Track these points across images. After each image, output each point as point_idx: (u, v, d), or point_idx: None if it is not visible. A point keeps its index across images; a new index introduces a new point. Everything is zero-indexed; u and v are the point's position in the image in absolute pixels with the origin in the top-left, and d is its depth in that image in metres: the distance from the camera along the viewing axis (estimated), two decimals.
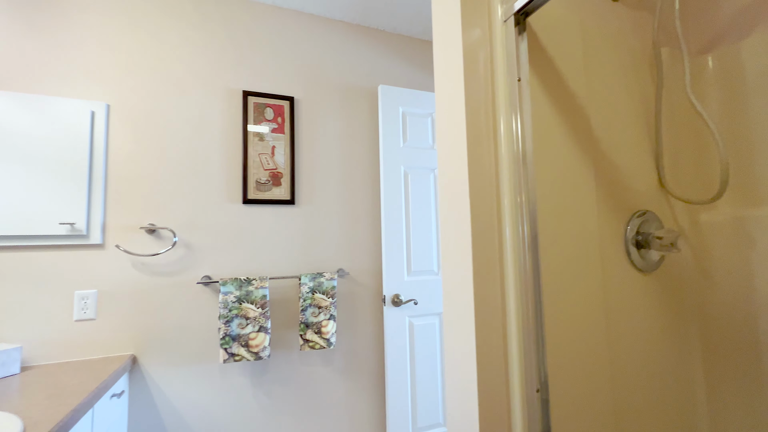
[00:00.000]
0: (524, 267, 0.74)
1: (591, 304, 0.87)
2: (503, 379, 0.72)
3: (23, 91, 1.34)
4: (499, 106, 0.79)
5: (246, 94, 1.64)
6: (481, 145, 0.78)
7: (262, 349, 1.47)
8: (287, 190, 1.67)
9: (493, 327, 0.73)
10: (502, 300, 0.75)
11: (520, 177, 0.76)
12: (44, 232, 1.31)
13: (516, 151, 0.77)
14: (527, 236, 0.74)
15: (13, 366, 1.19)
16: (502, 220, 0.77)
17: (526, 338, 0.71)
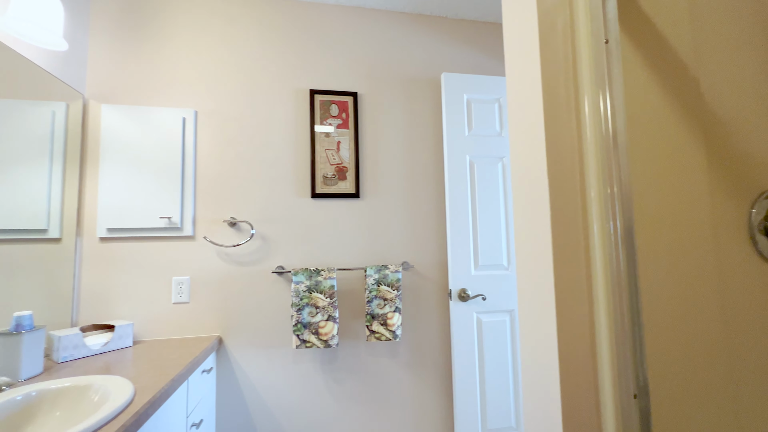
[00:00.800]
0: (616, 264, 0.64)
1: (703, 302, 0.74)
2: (591, 384, 0.64)
3: (129, 103, 1.55)
4: (583, 76, 0.70)
5: (313, 93, 1.70)
6: (561, 127, 0.70)
7: (331, 338, 1.52)
8: (352, 184, 1.70)
9: (578, 327, 0.66)
10: (588, 299, 0.67)
11: (610, 161, 0.66)
12: (148, 225, 1.50)
13: (604, 131, 0.67)
14: (620, 229, 0.65)
15: (128, 339, 1.39)
16: (588, 211, 0.68)
17: (619, 339, 0.62)
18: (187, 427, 1.20)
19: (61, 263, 1.38)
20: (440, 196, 1.80)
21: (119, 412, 0.84)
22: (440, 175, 1.81)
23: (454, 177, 1.69)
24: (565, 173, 0.69)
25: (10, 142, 1.21)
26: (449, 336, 1.74)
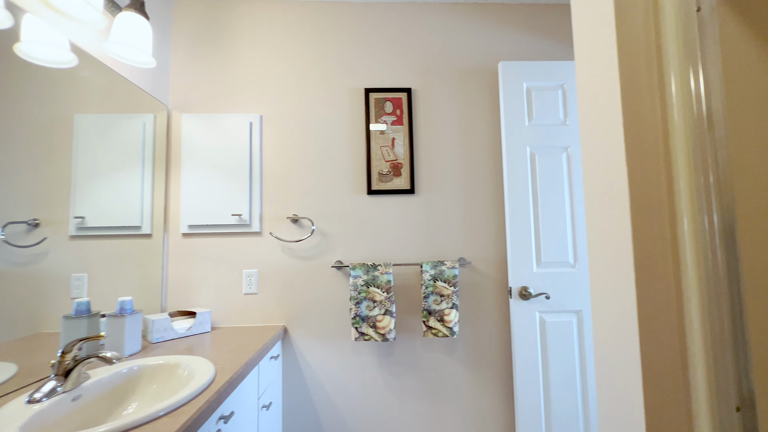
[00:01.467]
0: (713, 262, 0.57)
1: None
2: (682, 395, 0.58)
3: (205, 112, 1.71)
4: (668, 51, 0.63)
5: (367, 92, 1.73)
6: (642, 110, 0.63)
7: (388, 332, 1.54)
8: (407, 180, 1.71)
9: (665, 332, 0.60)
10: (677, 301, 0.60)
11: (704, 147, 0.59)
12: (222, 222, 1.64)
13: (696, 113, 0.60)
14: (718, 223, 0.58)
15: (207, 325, 1.53)
16: (676, 204, 0.61)
17: (717, 345, 0.55)
18: (259, 408, 1.30)
19: (152, 256, 1.57)
20: (498, 190, 1.73)
21: (204, 388, 0.93)
22: (498, 169, 1.74)
23: (513, 170, 1.62)
24: (647, 162, 0.63)
25: (113, 152, 1.39)
26: (509, 335, 1.68)
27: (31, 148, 1.07)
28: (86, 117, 1.28)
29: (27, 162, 1.05)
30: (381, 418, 1.62)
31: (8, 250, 0.99)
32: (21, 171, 1.03)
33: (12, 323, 0.99)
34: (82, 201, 1.25)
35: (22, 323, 1.02)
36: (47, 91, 1.12)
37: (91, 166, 1.29)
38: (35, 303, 1.06)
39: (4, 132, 0.99)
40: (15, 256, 1.01)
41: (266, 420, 1.39)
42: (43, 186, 1.10)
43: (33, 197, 1.07)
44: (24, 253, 1.04)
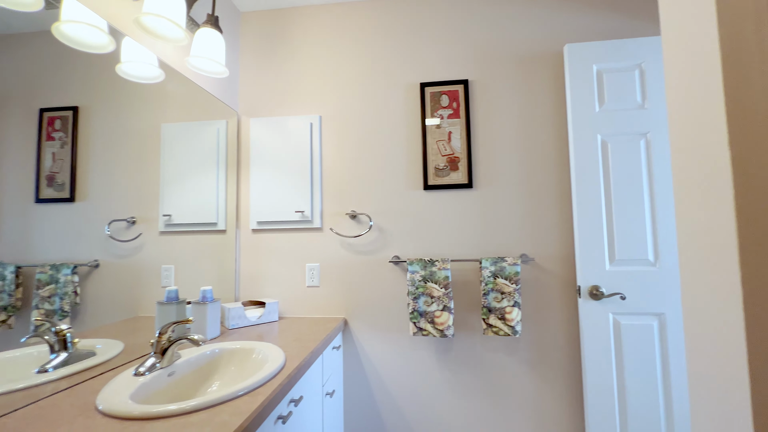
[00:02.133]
0: None
1: None
2: None
3: (268, 115, 1.82)
4: None
5: (423, 86, 1.72)
6: (750, 81, 0.55)
7: (447, 328, 1.53)
8: (464, 174, 1.67)
9: None
10: None
11: None
12: (286, 218, 1.74)
13: None
14: None
15: (275, 315, 1.64)
16: None
17: None
18: (323, 395, 1.37)
19: (226, 250, 1.72)
20: (564, 182, 1.63)
21: (276, 372, 1.01)
22: (563, 160, 1.63)
23: (581, 160, 1.50)
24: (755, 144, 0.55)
25: (192, 156, 1.55)
26: (576, 336, 1.57)
27: (128, 155, 1.22)
28: (170, 126, 1.43)
29: (125, 167, 1.21)
30: (438, 413, 1.62)
31: (112, 244, 1.14)
32: (121, 175, 1.19)
33: (117, 307, 1.15)
34: (168, 201, 1.40)
35: (125, 307, 1.18)
36: (140, 104, 1.27)
37: (174, 170, 1.44)
38: (134, 290, 1.22)
39: (108, 142, 1.15)
40: (118, 249, 1.17)
41: (330, 407, 1.46)
42: (138, 188, 1.25)
43: (130, 198, 1.21)
44: (124, 247, 1.19)
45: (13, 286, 0.87)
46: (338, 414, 1.59)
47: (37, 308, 0.93)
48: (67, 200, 1.01)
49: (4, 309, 0.84)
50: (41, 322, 0.93)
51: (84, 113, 1.06)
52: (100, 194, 1.10)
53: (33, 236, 0.91)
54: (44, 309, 0.95)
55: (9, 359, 0.84)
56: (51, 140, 0.97)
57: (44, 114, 0.96)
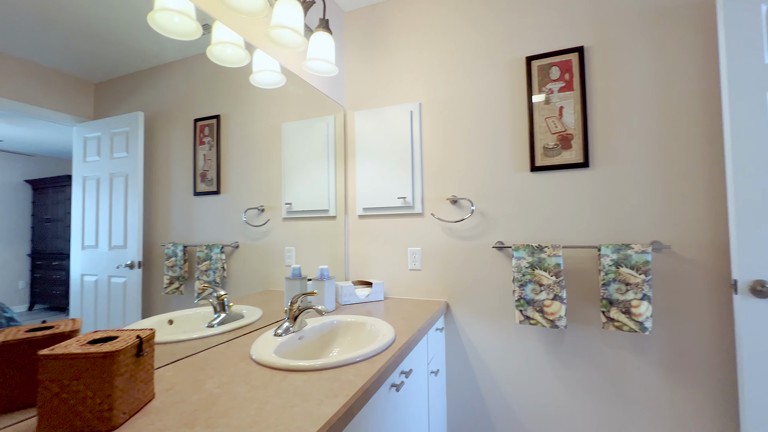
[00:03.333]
0: None
1: None
2: None
3: (370, 107, 1.92)
4: None
5: (529, 60, 1.60)
6: None
7: (558, 318, 1.43)
8: (578, 153, 1.51)
9: None
10: None
11: None
12: (389, 204, 1.83)
13: None
14: None
15: (380, 294, 1.76)
16: None
17: None
18: (428, 373, 1.42)
19: (336, 234, 1.89)
20: (713, 155, 1.35)
21: (388, 345, 1.09)
22: (711, 128, 1.35)
23: (741, 126, 1.22)
24: None
25: (307, 150, 1.73)
26: (729, 339, 1.31)
27: (257, 152, 1.43)
28: (289, 124, 1.62)
29: (255, 163, 1.42)
30: (547, 405, 1.53)
31: (248, 229, 1.36)
32: (251, 170, 1.40)
33: (253, 281, 1.37)
34: (289, 191, 1.60)
35: (259, 281, 1.40)
36: (265, 107, 1.47)
37: (293, 163, 1.63)
38: (265, 267, 1.43)
39: (242, 143, 1.37)
40: (252, 233, 1.38)
41: (434, 385, 1.51)
42: (265, 180, 1.45)
43: (259, 189, 1.42)
44: (256, 231, 1.40)
45: (182, 261, 1.09)
46: (441, 393, 1.64)
47: (198, 279, 1.16)
48: (215, 193, 1.21)
49: (177, 279, 1.08)
50: (204, 288, 1.17)
51: (224, 120, 1.27)
52: (237, 187, 1.30)
53: (193, 222, 1.14)
54: (203, 280, 1.18)
55: (187, 315, 1.09)
56: (202, 144, 1.18)
57: (197, 123, 1.17)
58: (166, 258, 1.04)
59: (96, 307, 0.88)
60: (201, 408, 0.72)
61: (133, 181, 0.97)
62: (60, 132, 0.83)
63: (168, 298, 1.04)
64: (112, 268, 0.92)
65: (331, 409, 0.71)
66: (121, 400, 0.65)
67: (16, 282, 0.78)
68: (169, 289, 1.05)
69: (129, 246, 0.95)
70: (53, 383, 0.62)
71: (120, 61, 0.94)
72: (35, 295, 0.81)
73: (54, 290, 0.83)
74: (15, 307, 0.77)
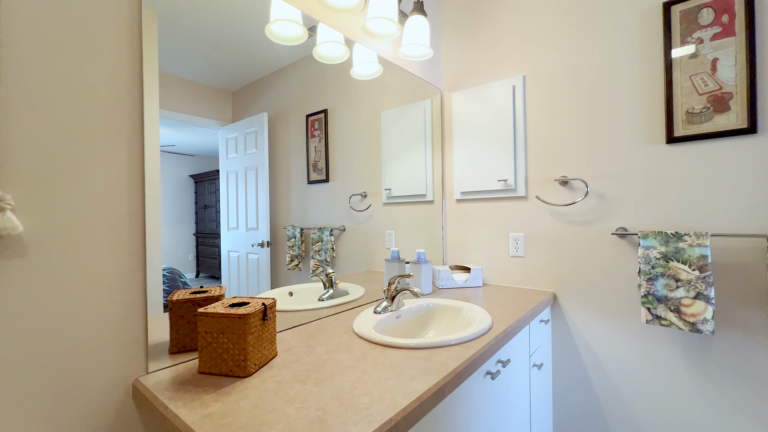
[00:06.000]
0: None
1: None
2: None
3: (469, 87, 1.83)
4: None
5: (667, 6, 1.30)
6: None
7: (702, 321, 1.18)
8: (741, 116, 1.19)
9: None
10: None
11: None
12: (488, 188, 1.75)
13: None
14: None
15: (479, 281, 1.71)
16: None
17: None
18: (530, 365, 1.34)
19: (434, 219, 1.90)
20: None
21: (485, 332, 1.06)
22: None
23: None
24: None
25: (405, 135, 1.76)
26: None
27: (359, 141, 1.51)
28: (387, 112, 1.67)
29: (357, 151, 1.50)
30: (679, 417, 1.29)
31: (353, 214, 1.47)
32: (354, 158, 1.49)
33: (358, 261, 1.49)
34: (389, 176, 1.66)
35: (362, 262, 1.51)
36: (366, 97, 1.55)
37: (392, 150, 1.68)
38: (368, 249, 1.53)
39: (346, 133, 1.46)
40: (356, 217, 1.48)
41: (537, 379, 1.42)
42: (366, 167, 1.53)
43: (362, 176, 1.50)
44: (360, 216, 1.50)
45: (300, 242, 1.25)
46: (546, 389, 1.53)
47: (312, 258, 1.32)
48: (324, 181, 1.33)
49: (296, 257, 1.24)
50: (317, 266, 1.32)
51: (331, 113, 1.37)
52: (343, 175, 1.41)
53: (308, 207, 1.28)
54: (316, 259, 1.33)
55: (304, 289, 1.25)
56: (313, 137, 1.30)
57: (308, 118, 1.30)
58: (287, 239, 1.19)
59: (239, 277, 1.08)
60: (312, 369, 0.83)
61: (262, 172, 1.13)
62: (210, 135, 1.04)
63: (290, 273, 1.21)
64: (249, 246, 1.11)
65: (423, 386, 0.74)
66: (252, 354, 0.80)
67: (186, 255, 1.02)
68: (290, 265, 1.21)
69: (260, 228, 1.12)
70: (207, 335, 0.80)
71: (249, 69, 1.11)
72: (199, 265, 1.04)
73: (211, 262, 1.07)
74: (187, 274, 1.01)
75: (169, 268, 0.93)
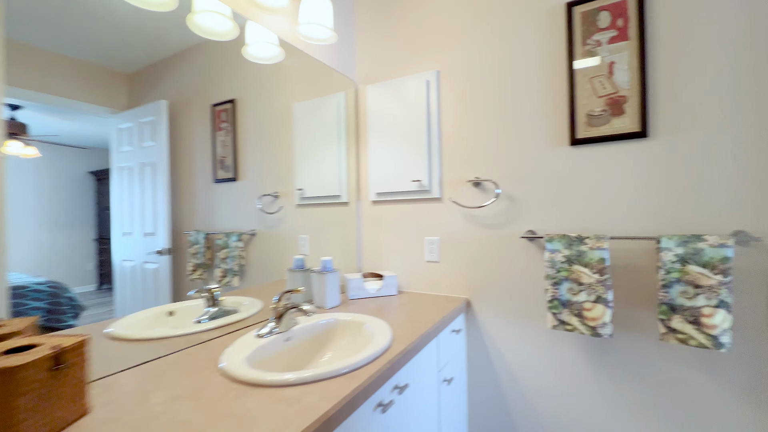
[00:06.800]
0: None
1: None
2: None
3: (384, 79, 1.71)
4: None
5: (570, 6, 1.29)
6: None
7: (601, 325, 1.16)
8: (634, 119, 1.20)
9: None
10: None
11: None
12: (403, 189, 1.64)
13: None
14: None
15: (393, 288, 1.59)
16: None
17: None
18: (439, 381, 1.24)
19: (349, 222, 1.74)
20: None
21: (378, 355, 0.92)
22: None
23: None
24: None
25: (318, 131, 1.58)
26: None
27: (270, 136, 1.34)
28: (300, 104, 1.50)
29: (268, 147, 1.33)
30: (584, 420, 1.28)
31: (264, 216, 1.29)
32: (265, 155, 1.31)
33: (269, 270, 1.31)
34: (302, 176, 1.49)
35: (274, 271, 1.33)
36: (276, 87, 1.37)
37: (304, 146, 1.51)
38: (280, 256, 1.36)
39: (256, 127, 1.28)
40: (267, 220, 1.31)
41: (449, 395, 1.33)
42: (280, 165, 1.37)
43: (273, 175, 1.34)
44: (272, 219, 1.33)
45: (204, 248, 1.09)
46: (460, 403, 1.45)
47: (218, 267, 1.13)
48: (232, 180, 1.19)
49: (200, 266, 1.08)
50: (223, 276, 1.15)
51: (240, 104, 1.22)
52: (253, 173, 1.25)
53: (214, 210, 1.12)
54: (222, 268, 1.15)
55: (189, 307, 1.05)
56: (220, 130, 1.15)
57: (215, 108, 1.14)
58: (189, 245, 1.05)
59: (134, 290, 0.93)
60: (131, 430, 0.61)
61: (161, 169, 0.99)
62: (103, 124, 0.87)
63: (194, 284, 1.06)
64: (146, 255, 0.96)
65: None
66: (28, 423, 0.56)
67: (84, 263, 0.86)
68: (194, 275, 1.06)
69: (159, 233, 0.99)
70: None
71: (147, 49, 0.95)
72: (102, 275, 0.88)
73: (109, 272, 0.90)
74: (84, 287, 0.85)
75: (51, 282, 0.79)
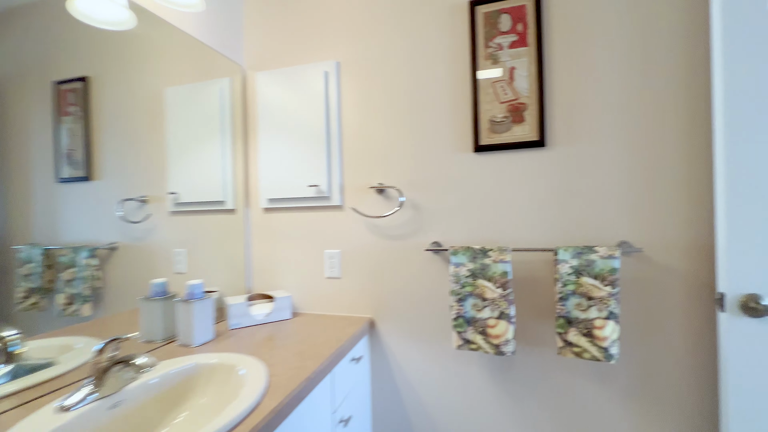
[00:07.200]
0: None
1: None
2: None
3: (278, 66, 1.47)
4: None
5: (472, 5, 1.22)
6: None
7: (504, 343, 1.10)
8: (533, 128, 1.17)
9: None
10: None
11: None
12: (299, 195, 1.42)
13: None
14: None
15: (286, 312, 1.36)
16: None
17: None
18: (334, 423, 1.05)
19: (236, 233, 1.46)
20: (700, 134, 1.05)
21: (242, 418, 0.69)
22: (700, 99, 1.05)
23: (738, 96, 0.92)
24: None
25: (198, 124, 1.28)
26: (712, 367, 1.05)
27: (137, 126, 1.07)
28: (173, 89, 1.20)
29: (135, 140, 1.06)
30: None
31: (127, 226, 1.04)
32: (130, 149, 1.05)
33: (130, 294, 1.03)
34: (175, 176, 1.20)
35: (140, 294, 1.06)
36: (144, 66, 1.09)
37: (179, 141, 1.22)
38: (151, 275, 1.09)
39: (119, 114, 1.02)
40: (133, 230, 1.05)
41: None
42: (148, 163, 1.10)
43: (140, 175, 1.07)
44: (138, 228, 1.06)
45: (42, 268, 0.84)
46: None
47: (62, 292, 0.86)
48: (84, 179, 0.94)
49: (37, 291, 0.82)
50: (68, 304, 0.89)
51: (95, 83, 0.96)
52: (113, 171, 1.00)
53: (57, 218, 0.87)
54: (67, 293, 0.88)
55: None
56: (66, 115, 0.90)
57: (58, 87, 0.88)
58: (20, 264, 0.80)
59: None
60: None
61: None
62: None
63: (26, 315, 0.80)
64: None
65: None
66: None
67: None
68: (25, 304, 0.81)
69: None
70: None
71: None
72: None
73: None
74: None
75: None
